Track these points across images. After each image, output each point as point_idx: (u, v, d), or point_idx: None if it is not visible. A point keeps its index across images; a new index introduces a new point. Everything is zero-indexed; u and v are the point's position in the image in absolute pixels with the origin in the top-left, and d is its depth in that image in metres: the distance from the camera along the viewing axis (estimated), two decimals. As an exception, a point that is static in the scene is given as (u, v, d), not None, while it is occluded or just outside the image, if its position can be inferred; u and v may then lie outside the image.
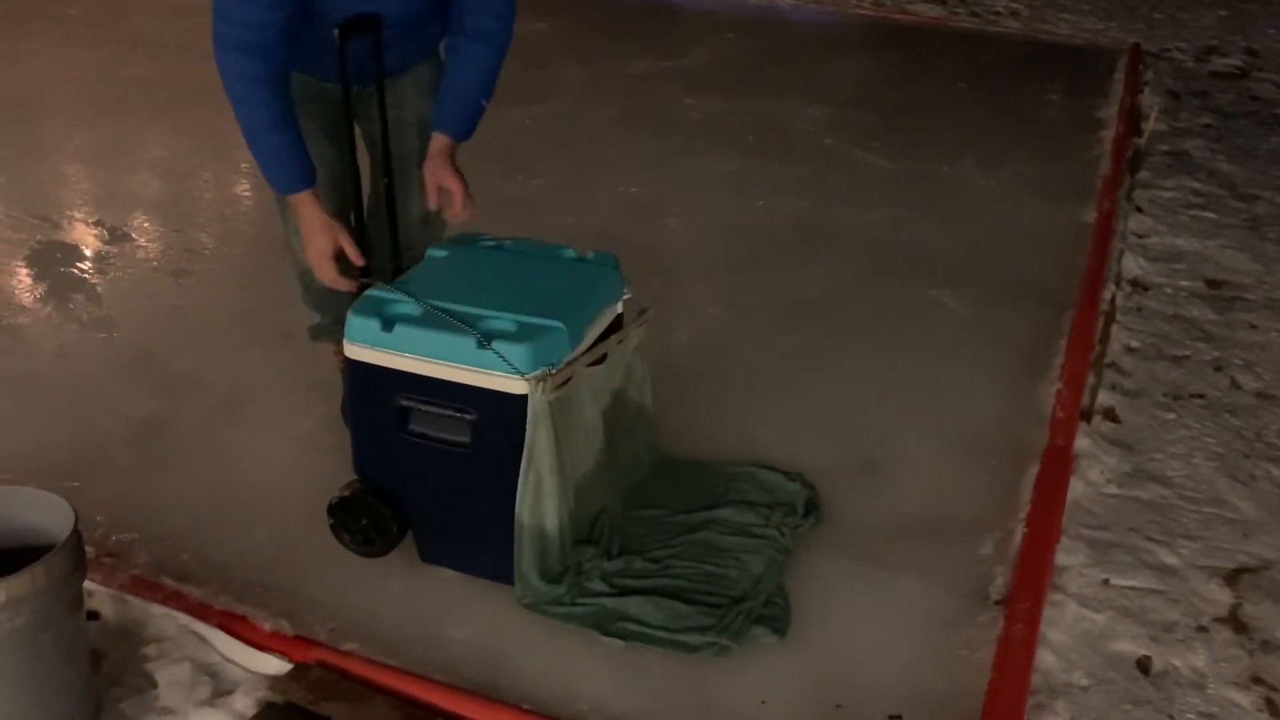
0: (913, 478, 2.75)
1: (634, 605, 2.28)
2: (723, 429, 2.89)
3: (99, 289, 3.61)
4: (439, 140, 2.46)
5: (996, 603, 2.31)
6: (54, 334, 3.35)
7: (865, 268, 3.84)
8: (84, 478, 2.65)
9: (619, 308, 2.43)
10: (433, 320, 2.17)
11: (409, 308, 2.21)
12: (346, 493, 2.37)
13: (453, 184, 2.44)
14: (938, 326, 3.48)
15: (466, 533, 2.34)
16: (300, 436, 2.84)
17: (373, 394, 2.26)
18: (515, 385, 2.13)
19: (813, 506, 2.58)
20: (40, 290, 3.61)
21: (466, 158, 2.51)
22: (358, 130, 2.55)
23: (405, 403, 2.23)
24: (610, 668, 2.19)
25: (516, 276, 2.37)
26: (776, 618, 2.27)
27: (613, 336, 2.39)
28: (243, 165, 4.44)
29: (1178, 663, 2.26)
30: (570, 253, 2.48)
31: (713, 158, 4.73)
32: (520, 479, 2.20)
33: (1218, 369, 3.33)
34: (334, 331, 2.79)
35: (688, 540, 2.46)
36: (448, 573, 2.38)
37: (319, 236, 2.35)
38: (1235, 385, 3.25)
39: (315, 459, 2.71)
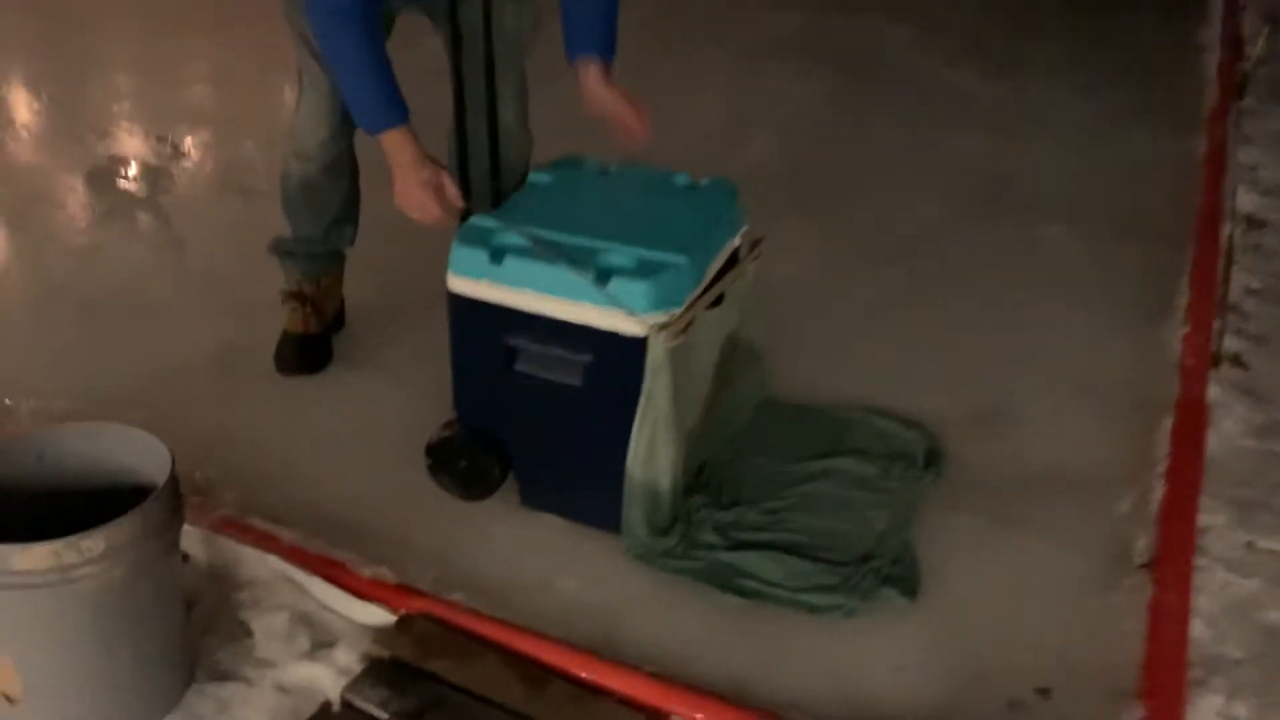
0: (1037, 427, 2.58)
1: (751, 560, 2.14)
2: (828, 370, 2.72)
3: (165, 208, 3.48)
4: (591, 67, 2.28)
5: (1141, 566, 2.15)
6: (123, 256, 3.22)
7: (966, 198, 3.63)
8: (161, 409, 2.51)
9: (737, 240, 2.26)
10: (545, 252, 2.01)
11: (517, 238, 2.05)
12: (447, 433, 2.24)
13: (628, 108, 2.28)
14: (1048, 263, 3.28)
15: (573, 479, 2.21)
16: (388, 368, 2.70)
17: (477, 330, 2.11)
18: (634, 327, 1.97)
19: (934, 458, 2.42)
20: (106, 209, 3.47)
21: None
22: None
23: (513, 341, 2.09)
24: (729, 625, 2.05)
25: (630, 205, 2.21)
26: (905, 578, 2.12)
27: (730, 273, 2.22)
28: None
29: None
30: (683, 178, 2.30)
31: (794, 78, 4.50)
32: (635, 430, 2.05)
33: (1347, 312, 3.13)
34: (298, 259, 2.69)
35: (802, 492, 2.32)
36: (551, 519, 2.26)
37: (418, 175, 2.16)
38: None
39: (405, 394, 2.57)
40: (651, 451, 2.08)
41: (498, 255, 2.02)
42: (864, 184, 3.66)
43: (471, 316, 2.10)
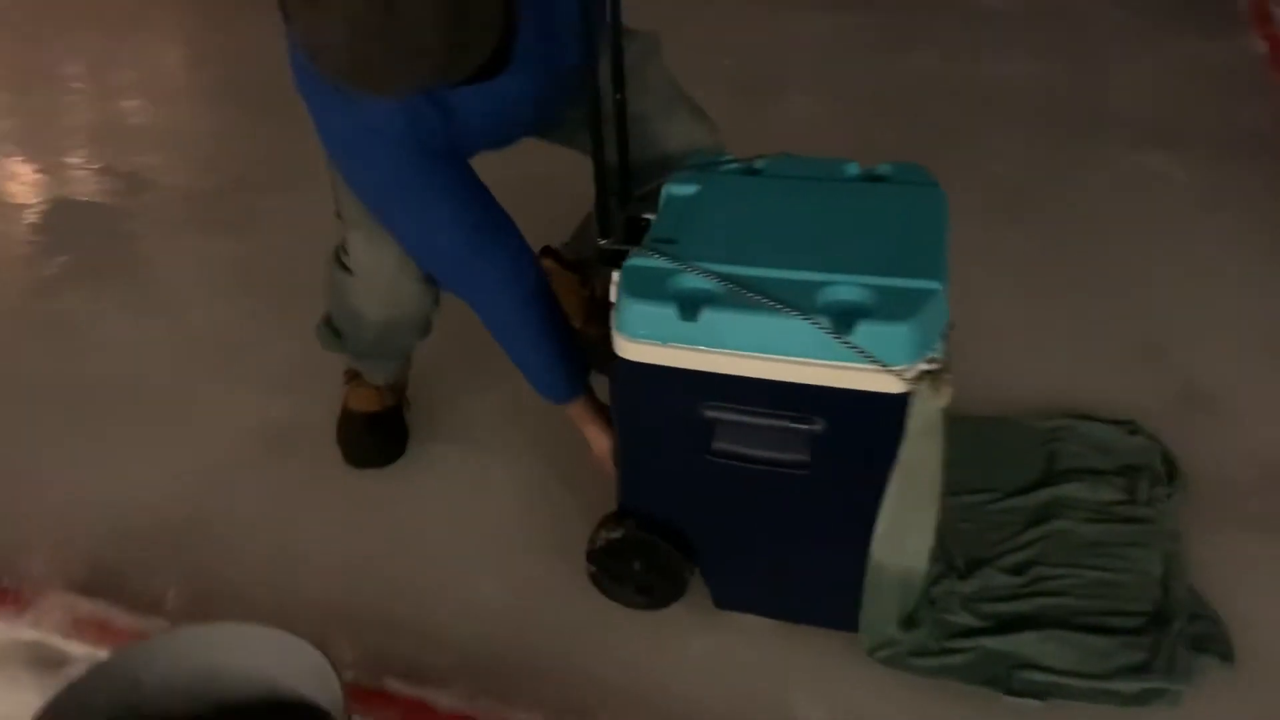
0: (1248, 404, 2.19)
1: (1028, 645, 1.71)
2: (979, 364, 2.24)
3: (135, 257, 2.85)
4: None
5: None
6: (101, 328, 2.59)
7: (1044, 133, 3.20)
8: (214, 531, 2.00)
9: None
10: (747, 298, 1.53)
11: (706, 282, 1.56)
12: (616, 534, 1.76)
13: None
14: (1166, 198, 2.88)
15: (791, 572, 1.74)
16: (483, 439, 2.18)
17: (661, 403, 1.62)
18: (889, 383, 1.51)
19: (1172, 467, 2.02)
20: (59, 269, 2.84)
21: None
22: None
23: (712, 414, 1.61)
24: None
25: (819, 213, 1.71)
26: (1214, 636, 1.72)
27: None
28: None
29: None
30: (853, 168, 1.82)
31: (806, 14, 4.00)
32: (887, 508, 1.60)
33: None
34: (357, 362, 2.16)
35: (1041, 535, 1.90)
36: (757, 621, 1.80)
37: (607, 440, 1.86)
38: None
39: (517, 471, 2.08)
40: (905, 533, 1.63)
41: (689, 309, 1.53)
42: (925, 132, 3.20)
43: (653, 387, 1.60)
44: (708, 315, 1.52)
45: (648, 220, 1.75)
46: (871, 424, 1.54)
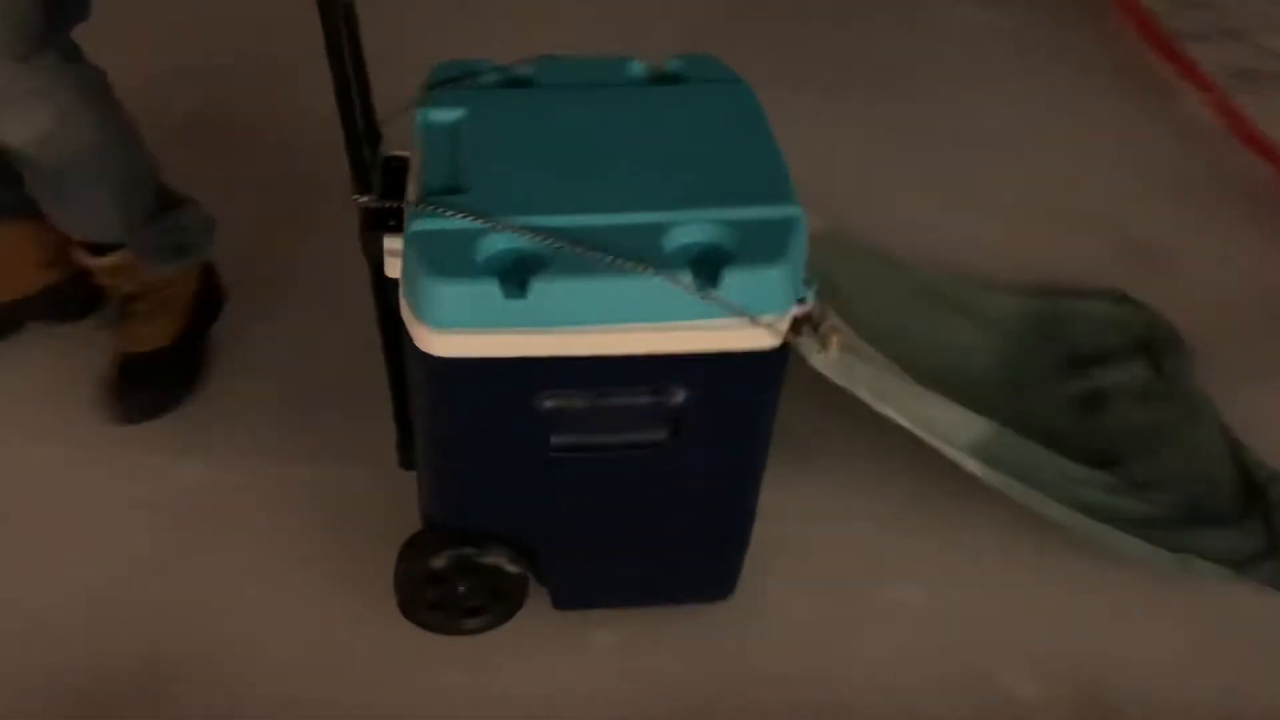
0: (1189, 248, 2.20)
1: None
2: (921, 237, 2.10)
3: None
4: None
5: None
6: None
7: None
8: None
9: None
10: (585, 259, 1.21)
11: (522, 243, 1.22)
12: (439, 562, 1.42)
13: None
14: (996, 52, 2.71)
15: (650, 555, 1.48)
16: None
17: (487, 402, 1.29)
18: (761, 338, 1.26)
19: (1173, 332, 1.99)
20: None
21: None
22: None
23: (551, 404, 1.29)
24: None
25: (626, 134, 1.38)
26: None
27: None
28: None
29: None
30: (637, 67, 1.50)
31: None
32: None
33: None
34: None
35: (1101, 427, 1.82)
36: (608, 617, 1.55)
37: None
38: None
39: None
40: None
41: (513, 282, 1.19)
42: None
43: (472, 384, 1.26)
44: (539, 288, 1.19)
45: (402, 159, 1.38)
46: (741, 385, 1.30)
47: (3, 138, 1.55)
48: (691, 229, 1.24)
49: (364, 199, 1.32)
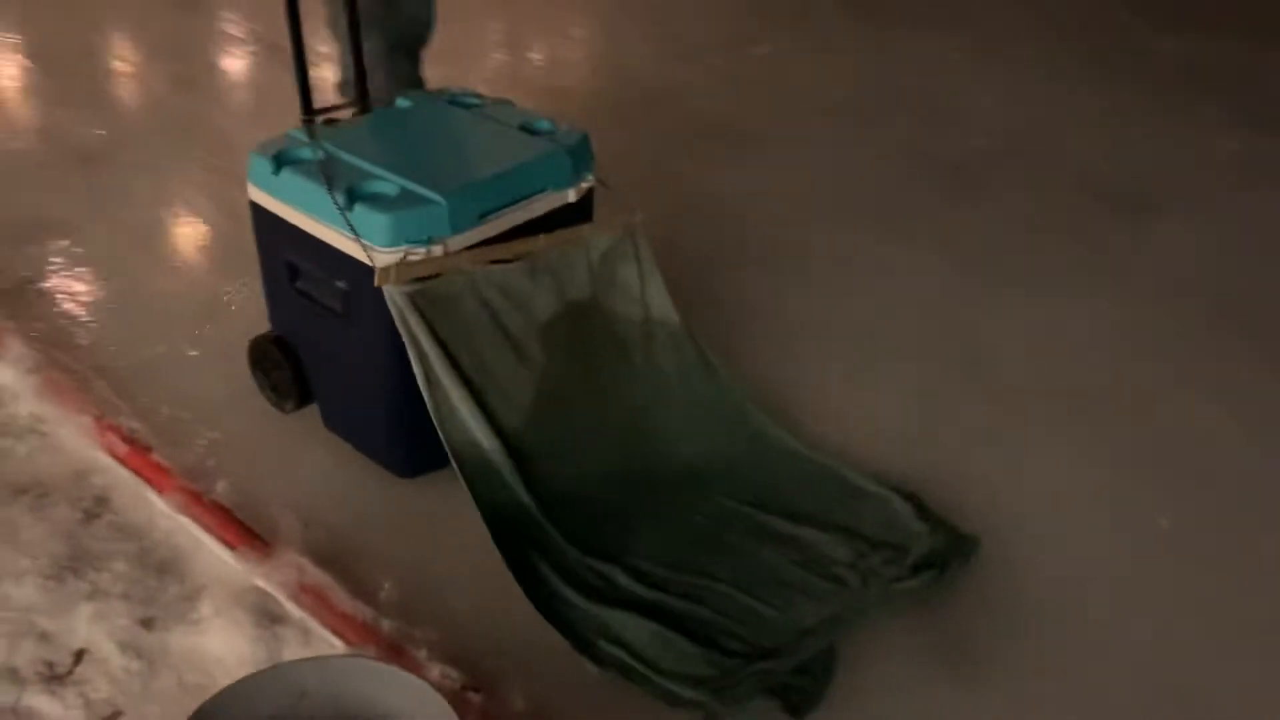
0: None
1: (630, 626, 1.83)
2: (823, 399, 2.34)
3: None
4: None
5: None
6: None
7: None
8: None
9: (569, 196, 2.09)
10: (317, 172, 1.96)
11: (310, 153, 2.01)
12: (257, 353, 2.27)
13: None
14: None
15: (352, 408, 2.16)
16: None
17: (266, 241, 2.12)
18: (376, 259, 1.89)
19: (943, 563, 1.96)
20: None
21: None
22: None
23: (292, 257, 2.07)
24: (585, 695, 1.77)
25: (450, 140, 2.13)
26: (804, 691, 1.76)
27: (554, 234, 2.06)
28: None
29: None
30: (545, 124, 2.17)
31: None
32: (420, 381, 1.92)
33: None
34: None
35: (749, 553, 1.99)
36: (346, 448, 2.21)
37: None
38: None
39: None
40: (448, 409, 1.94)
41: (277, 167, 2.00)
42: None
43: (262, 226, 2.10)
44: (286, 175, 1.99)
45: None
46: (374, 293, 1.92)
47: None
48: (385, 184, 1.95)
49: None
